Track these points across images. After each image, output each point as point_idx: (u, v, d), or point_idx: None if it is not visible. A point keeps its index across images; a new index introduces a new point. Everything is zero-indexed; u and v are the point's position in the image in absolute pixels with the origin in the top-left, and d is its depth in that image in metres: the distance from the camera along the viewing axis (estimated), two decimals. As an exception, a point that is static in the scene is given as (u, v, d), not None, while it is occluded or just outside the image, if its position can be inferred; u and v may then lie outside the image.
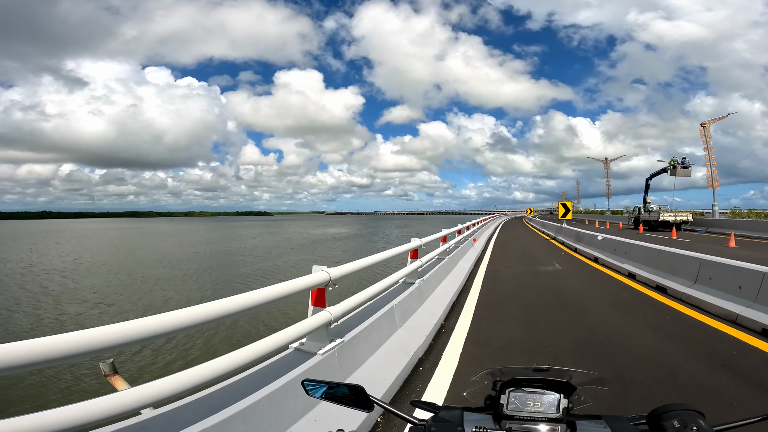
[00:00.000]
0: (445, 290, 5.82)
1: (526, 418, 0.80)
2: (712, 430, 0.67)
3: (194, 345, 7.19)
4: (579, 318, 5.05)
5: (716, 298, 5.10)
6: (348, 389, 0.89)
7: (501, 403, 0.82)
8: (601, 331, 4.48)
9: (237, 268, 18.50)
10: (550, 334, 4.35)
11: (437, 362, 3.56)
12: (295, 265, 18.93)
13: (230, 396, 2.07)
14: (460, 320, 4.94)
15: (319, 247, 29.96)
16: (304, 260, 20.41)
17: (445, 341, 4.14)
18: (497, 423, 0.82)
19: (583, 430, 0.78)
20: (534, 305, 5.79)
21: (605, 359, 3.57)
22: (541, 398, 0.82)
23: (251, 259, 22.22)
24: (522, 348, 4.00)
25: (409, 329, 3.86)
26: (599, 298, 6.23)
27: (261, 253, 24.94)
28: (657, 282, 6.60)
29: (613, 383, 2.99)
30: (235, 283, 14.45)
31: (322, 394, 0.90)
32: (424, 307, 4.64)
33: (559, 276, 8.36)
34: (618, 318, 5.03)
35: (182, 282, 15.07)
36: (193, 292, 12.91)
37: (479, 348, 3.99)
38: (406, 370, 3.23)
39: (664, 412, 0.71)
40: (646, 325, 4.67)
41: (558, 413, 0.79)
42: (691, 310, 5.22)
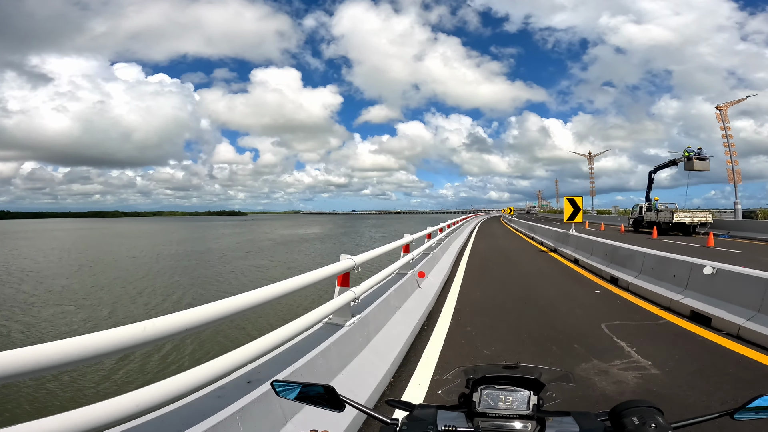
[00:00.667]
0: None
1: (498, 416, 0.82)
2: (670, 426, 0.69)
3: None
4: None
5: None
6: (322, 389, 0.89)
7: (474, 401, 0.84)
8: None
9: (172, 277, 15.78)
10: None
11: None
12: (244, 273, 16.52)
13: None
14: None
15: (280, 250, 27.10)
16: (255, 267, 18.24)
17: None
18: (470, 420, 0.83)
19: (552, 426, 0.81)
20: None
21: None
22: (513, 395, 0.84)
23: (196, 264, 19.48)
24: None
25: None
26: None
27: (212, 258, 22.09)
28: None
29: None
30: (154, 295, 12.34)
31: (295, 395, 0.90)
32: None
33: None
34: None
35: (84, 295, 12.35)
36: (96, 309, 10.57)
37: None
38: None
39: (624, 409, 0.73)
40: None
41: (529, 410, 0.82)
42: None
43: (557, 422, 0.82)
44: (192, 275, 16.18)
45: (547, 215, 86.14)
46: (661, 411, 0.72)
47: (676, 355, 3.69)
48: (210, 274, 16.30)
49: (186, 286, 13.78)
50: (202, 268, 18.00)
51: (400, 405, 0.93)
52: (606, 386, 3.06)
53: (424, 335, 4.38)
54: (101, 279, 15.32)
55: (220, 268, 18.19)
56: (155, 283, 14.51)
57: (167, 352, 6.91)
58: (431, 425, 0.80)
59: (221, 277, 15.77)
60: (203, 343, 7.23)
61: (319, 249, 28.16)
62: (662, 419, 0.70)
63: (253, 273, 16.54)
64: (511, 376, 0.86)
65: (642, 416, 0.70)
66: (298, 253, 25.55)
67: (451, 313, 5.29)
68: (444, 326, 4.73)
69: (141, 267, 18.71)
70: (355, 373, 2.88)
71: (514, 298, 6.34)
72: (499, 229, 28.84)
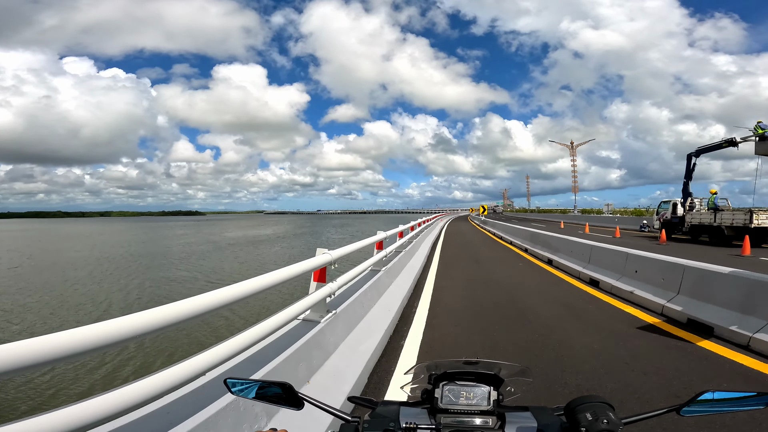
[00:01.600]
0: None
1: (460, 411, 0.82)
2: (621, 422, 0.70)
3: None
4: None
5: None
6: (279, 387, 0.86)
7: (436, 397, 0.85)
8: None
9: (30, 295, 12.23)
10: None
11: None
12: (142, 288, 13.19)
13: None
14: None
15: (213, 257, 22.87)
16: (166, 279, 14.86)
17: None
18: (432, 416, 0.83)
19: (511, 421, 0.81)
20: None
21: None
22: (473, 391, 0.84)
23: (86, 276, 15.80)
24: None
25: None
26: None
27: (119, 267, 18.29)
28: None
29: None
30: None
31: (252, 394, 0.87)
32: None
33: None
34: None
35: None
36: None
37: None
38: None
39: (578, 405, 0.74)
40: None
41: (489, 405, 0.83)
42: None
43: (516, 417, 0.83)
44: (63, 291, 12.74)
45: (516, 214, 79.87)
46: (613, 407, 0.74)
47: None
48: (89, 291, 12.77)
49: (33, 308, 10.56)
50: (90, 282, 14.42)
51: (362, 402, 0.92)
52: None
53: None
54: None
55: (117, 281, 14.59)
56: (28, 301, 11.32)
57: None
58: (393, 422, 0.79)
59: (104, 295, 12.28)
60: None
61: (261, 255, 23.88)
62: (614, 415, 0.71)
63: (155, 290, 13.08)
64: (472, 372, 0.87)
65: (595, 412, 0.71)
66: (233, 260, 21.36)
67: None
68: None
69: (33, 279, 15.09)
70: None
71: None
72: (474, 237, 19.74)
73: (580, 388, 2.88)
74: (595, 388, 2.86)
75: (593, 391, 2.82)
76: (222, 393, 1.73)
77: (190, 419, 1.57)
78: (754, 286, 3.84)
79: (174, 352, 6.66)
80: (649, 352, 3.60)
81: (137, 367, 6.20)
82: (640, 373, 3.11)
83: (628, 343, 3.86)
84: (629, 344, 3.82)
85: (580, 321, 4.69)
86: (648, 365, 3.27)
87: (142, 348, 6.77)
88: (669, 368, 3.21)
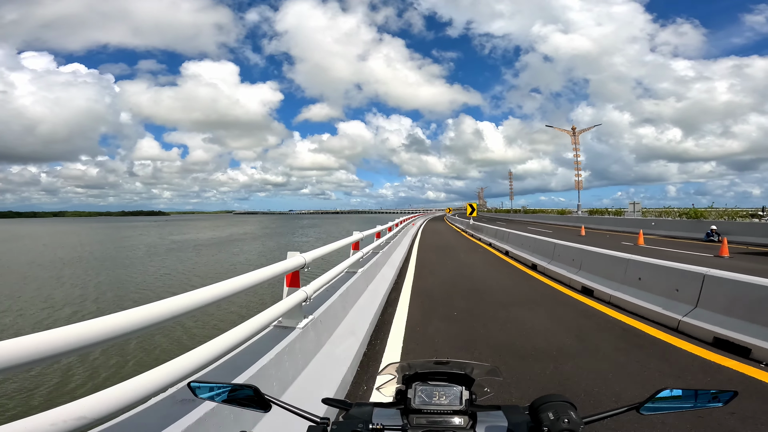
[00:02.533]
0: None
1: (433, 411, 0.82)
2: (582, 421, 0.71)
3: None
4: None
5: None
6: (245, 389, 0.85)
7: (409, 398, 0.84)
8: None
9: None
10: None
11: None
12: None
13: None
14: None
15: (140, 264, 20.03)
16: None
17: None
18: (405, 417, 0.83)
19: (482, 420, 0.82)
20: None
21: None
22: (446, 391, 0.85)
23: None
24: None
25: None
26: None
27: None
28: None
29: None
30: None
31: (217, 397, 0.85)
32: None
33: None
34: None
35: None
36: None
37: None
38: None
39: (541, 404, 0.76)
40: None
41: (461, 405, 0.83)
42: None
43: (488, 416, 0.84)
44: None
45: (495, 215, 73.78)
46: (575, 406, 0.74)
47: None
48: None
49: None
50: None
51: (336, 404, 0.90)
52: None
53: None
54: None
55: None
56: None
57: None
58: (362, 423, 0.78)
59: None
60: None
61: (198, 264, 20.12)
62: (575, 414, 0.72)
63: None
64: (444, 372, 0.87)
65: (557, 411, 0.72)
66: (157, 270, 18.05)
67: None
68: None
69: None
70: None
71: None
72: (461, 246, 14.60)
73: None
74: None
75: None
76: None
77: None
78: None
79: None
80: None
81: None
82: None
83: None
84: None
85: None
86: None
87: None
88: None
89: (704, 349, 3.61)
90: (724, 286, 3.93)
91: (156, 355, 6.52)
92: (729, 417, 2.36)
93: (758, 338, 3.39)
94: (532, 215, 54.20)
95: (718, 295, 3.96)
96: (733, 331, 3.61)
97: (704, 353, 3.53)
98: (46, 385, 5.70)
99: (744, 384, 2.90)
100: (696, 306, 4.17)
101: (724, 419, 2.35)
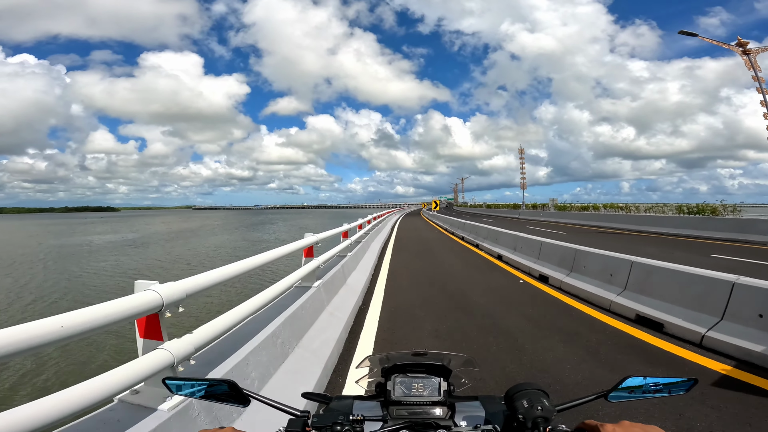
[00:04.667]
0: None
1: (413, 403, 0.85)
2: (555, 409, 0.74)
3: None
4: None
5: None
6: (221, 385, 0.82)
7: (388, 390, 0.87)
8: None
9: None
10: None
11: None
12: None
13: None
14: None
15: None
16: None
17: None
18: (386, 409, 0.86)
19: (461, 410, 0.86)
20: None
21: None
22: (425, 382, 0.88)
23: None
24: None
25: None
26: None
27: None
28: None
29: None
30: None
31: (193, 393, 0.82)
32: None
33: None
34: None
35: None
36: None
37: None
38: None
39: (515, 392, 0.77)
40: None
41: (440, 396, 0.86)
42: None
43: (466, 407, 0.87)
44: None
45: (476, 210, 67.90)
46: (548, 394, 0.77)
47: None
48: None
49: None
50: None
51: (316, 398, 0.93)
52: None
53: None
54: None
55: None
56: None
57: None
58: (342, 415, 0.78)
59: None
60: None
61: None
62: (548, 402, 0.74)
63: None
64: (422, 363, 0.90)
65: (530, 399, 0.74)
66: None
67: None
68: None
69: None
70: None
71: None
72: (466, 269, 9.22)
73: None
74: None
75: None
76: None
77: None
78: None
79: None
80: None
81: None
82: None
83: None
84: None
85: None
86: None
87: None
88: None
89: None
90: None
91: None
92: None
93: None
94: (497, 209, 54.46)
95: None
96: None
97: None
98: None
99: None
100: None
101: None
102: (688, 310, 3.91)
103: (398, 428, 0.77)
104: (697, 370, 3.09)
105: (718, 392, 2.70)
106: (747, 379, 2.87)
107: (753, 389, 2.72)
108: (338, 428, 0.73)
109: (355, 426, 0.75)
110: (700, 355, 3.35)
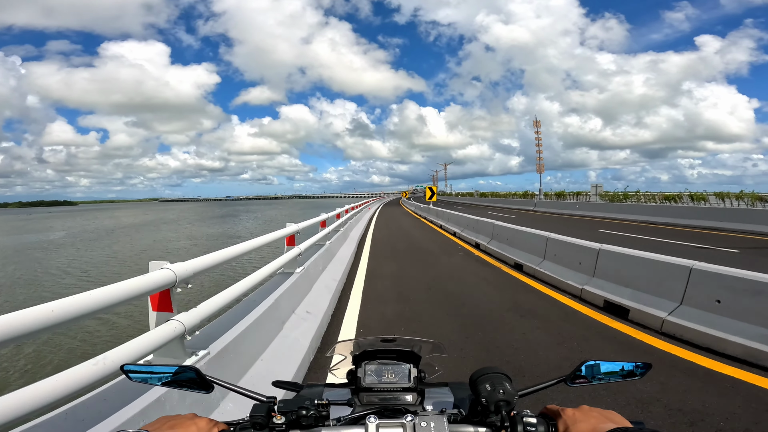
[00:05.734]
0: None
1: (383, 389, 0.85)
2: (517, 393, 0.75)
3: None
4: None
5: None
6: (187, 372, 0.80)
7: (359, 377, 0.87)
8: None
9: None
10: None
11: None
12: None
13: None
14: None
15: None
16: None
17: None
18: (356, 396, 0.86)
19: (430, 396, 0.87)
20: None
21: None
22: (395, 369, 0.88)
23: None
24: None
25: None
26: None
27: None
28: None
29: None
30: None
31: (154, 380, 0.80)
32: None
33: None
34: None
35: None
36: None
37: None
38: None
39: (479, 376, 0.78)
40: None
41: (410, 383, 0.86)
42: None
43: (435, 393, 0.89)
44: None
45: (459, 199, 63.22)
46: (510, 378, 0.77)
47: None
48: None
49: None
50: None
51: (286, 386, 0.92)
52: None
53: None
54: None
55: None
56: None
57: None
58: (308, 401, 0.77)
59: None
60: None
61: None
62: (510, 385, 0.75)
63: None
64: (392, 350, 0.90)
65: (493, 383, 0.75)
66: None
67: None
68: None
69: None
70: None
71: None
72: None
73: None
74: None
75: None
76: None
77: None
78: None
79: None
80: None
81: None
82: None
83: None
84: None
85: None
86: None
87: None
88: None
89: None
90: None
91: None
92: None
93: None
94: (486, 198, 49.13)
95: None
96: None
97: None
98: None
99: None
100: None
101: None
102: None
103: (366, 413, 0.77)
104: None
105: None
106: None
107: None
108: (303, 412, 0.74)
109: (320, 410, 0.75)
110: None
